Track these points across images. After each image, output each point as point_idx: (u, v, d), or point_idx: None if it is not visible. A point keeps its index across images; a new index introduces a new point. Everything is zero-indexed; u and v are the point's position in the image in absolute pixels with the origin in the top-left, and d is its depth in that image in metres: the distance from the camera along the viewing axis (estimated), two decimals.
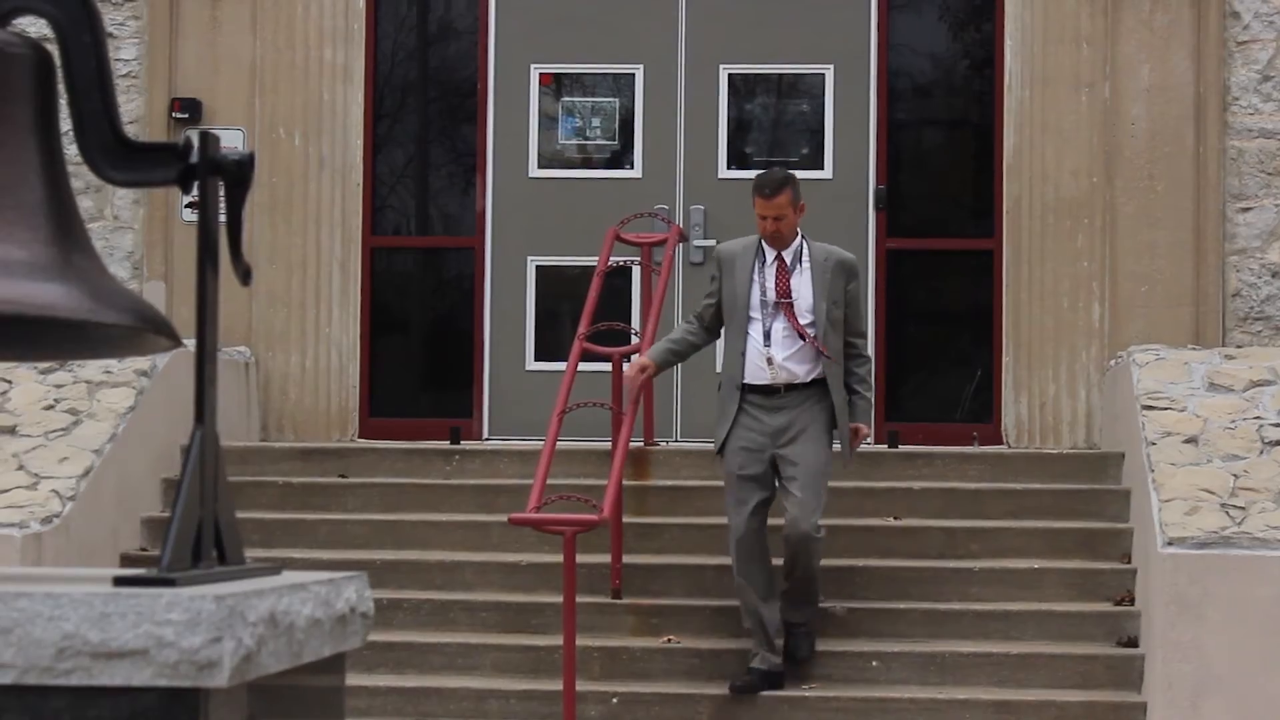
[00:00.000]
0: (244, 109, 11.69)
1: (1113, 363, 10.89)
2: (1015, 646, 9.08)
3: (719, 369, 9.01)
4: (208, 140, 3.34)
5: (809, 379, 8.47)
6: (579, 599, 8.51)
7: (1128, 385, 10.11)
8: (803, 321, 8.44)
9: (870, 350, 9.19)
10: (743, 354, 8.47)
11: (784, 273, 8.52)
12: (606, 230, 10.53)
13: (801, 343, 8.45)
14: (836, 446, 8.69)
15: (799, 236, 8.64)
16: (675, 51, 11.93)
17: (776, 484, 8.55)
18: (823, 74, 11.88)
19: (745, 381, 8.48)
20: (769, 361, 8.42)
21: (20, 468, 9.61)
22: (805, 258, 8.60)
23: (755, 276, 8.52)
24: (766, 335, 8.46)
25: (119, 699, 2.90)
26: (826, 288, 8.50)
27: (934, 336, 12.21)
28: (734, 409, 8.47)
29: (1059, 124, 11.45)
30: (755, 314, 8.49)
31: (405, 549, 9.91)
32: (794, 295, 8.48)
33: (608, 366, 9.75)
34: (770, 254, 8.58)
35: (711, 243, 10.83)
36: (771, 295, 8.48)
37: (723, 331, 8.75)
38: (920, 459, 10.51)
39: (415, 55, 12.38)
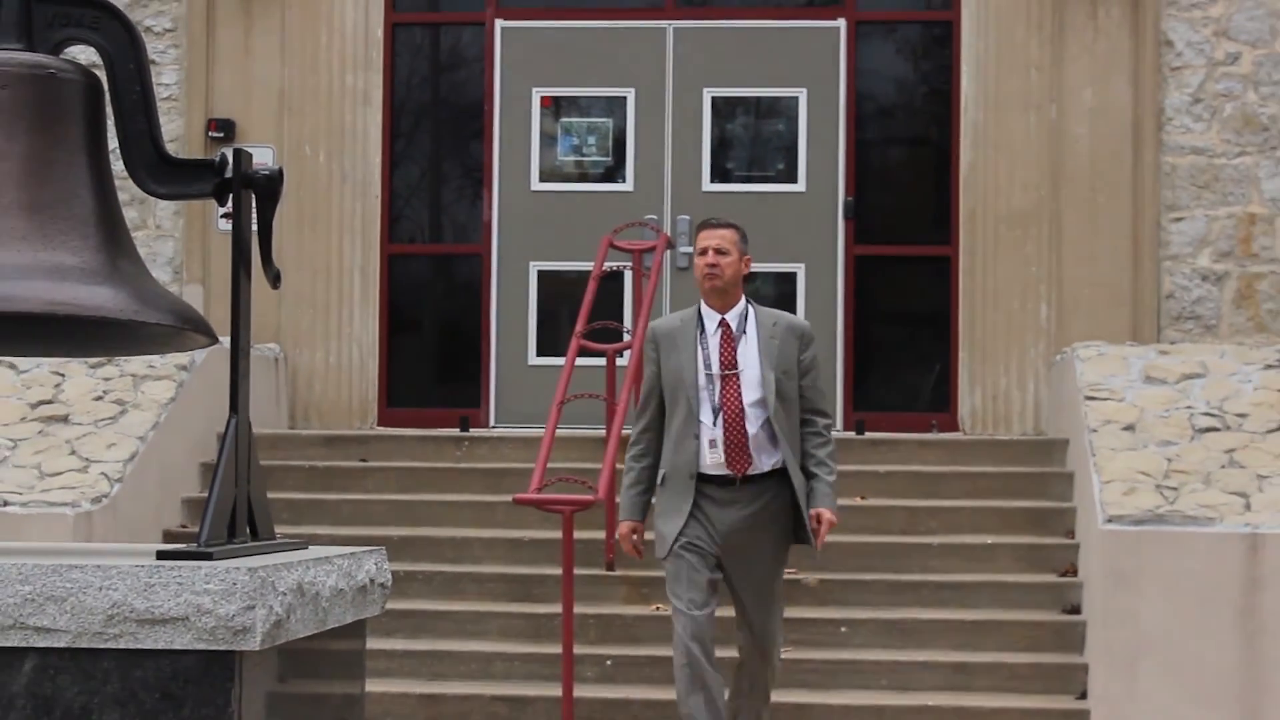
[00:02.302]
0: (273, 129, 11.69)
1: (1058, 358, 10.90)
2: (970, 614, 9.10)
3: (663, 462, 6.83)
4: (241, 157, 3.35)
5: (765, 469, 6.68)
6: (576, 571, 8.51)
7: (1072, 378, 10.12)
8: (749, 398, 6.63)
9: (834, 420, 7.44)
10: (696, 437, 6.62)
11: (729, 340, 6.70)
12: (601, 238, 10.54)
13: (752, 426, 6.64)
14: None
15: (744, 300, 6.84)
16: (663, 76, 11.93)
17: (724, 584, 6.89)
18: (796, 97, 11.88)
19: (700, 471, 6.66)
20: (711, 445, 6.62)
21: (72, 452, 9.62)
22: (751, 324, 6.76)
23: (698, 348, 6.71)
24: (715, 415, 6.63)
25: (162, 661, 2.91)
26: (775, 356, 6.66)
27: (897, 334, 12.22)
28: (689, 504, 6.63)
29: (1010, 142, 11.45)
30: (703, 391, 6.66)
31: (420, 526, 9.92)
32: (740, 365, 6.66)
33: (602, 362, 9.76)
34: (712, 321, 6.75)
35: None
36: (716, 366, 6.65)
37: (667, 419, 6.81)
38: (885, 445, 10.53)
39: (428, 80, 12.38)
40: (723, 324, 6.75)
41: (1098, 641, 8.63)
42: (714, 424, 6.63)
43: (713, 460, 6.63)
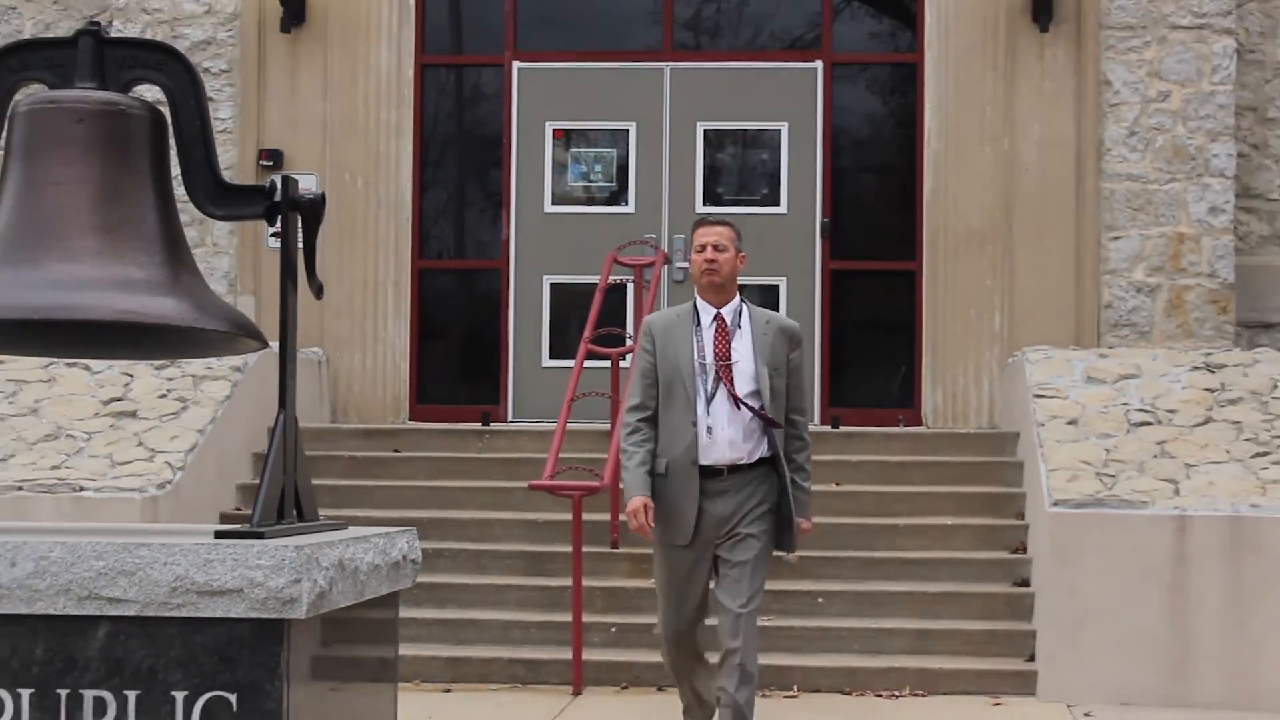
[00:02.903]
0: (317, 158, 11.69)
1: (1010, 361, 10.90)
2: (932, 586, 9.10)
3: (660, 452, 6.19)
4: (288, 183, 3.36)
5: (753, 459, 6.11)
6: (584, 549, 8.52)
7: (1022, 378, 10.12)
8: (742, 389, 6.06)
9: (810, 425, 6.53)
10: (694, 425, 6.05)
11: (723, 333, 6.13)
12: (606, 255, 10.55)
13: (743, 416, 6.09)
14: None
15: (738, 297, 6.28)
16: (661, 112, 11.93)
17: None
18: (779, 130, 11.88)
19: (701, 462, 6.08)
20: (708, 432, 6.06)
21: (140, 444, 9.62)
22: (745, 320, 6.21)
23: (694, 340, 6.13)
24: (708, 404, 6.08)
25: (220, 628, 2.92)
26: (767, 352, 6.12)
27: (868, 339, 12.20)
28: (696, 494, 6.06)
29: (968, 170, 11.44)
30: (699, 382, 6.09)
31: (446, 509, 9.91)
32: (734, 358, 6.10)
33: (607, 364, 9.75)
34: (707, 314, 6.18)
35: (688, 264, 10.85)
36: (710, 358, 6.09)
37: (660, 411, 6.21)
38: (857, 437, 10.53)
39: (453, 115, 12.38)
40: (718, 318, 6.17)
41: (1044, 610, 8.63)
42: (709, 413, 6.07)
43: (707, 447, 6.06)
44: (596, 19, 12.12)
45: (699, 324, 6.18)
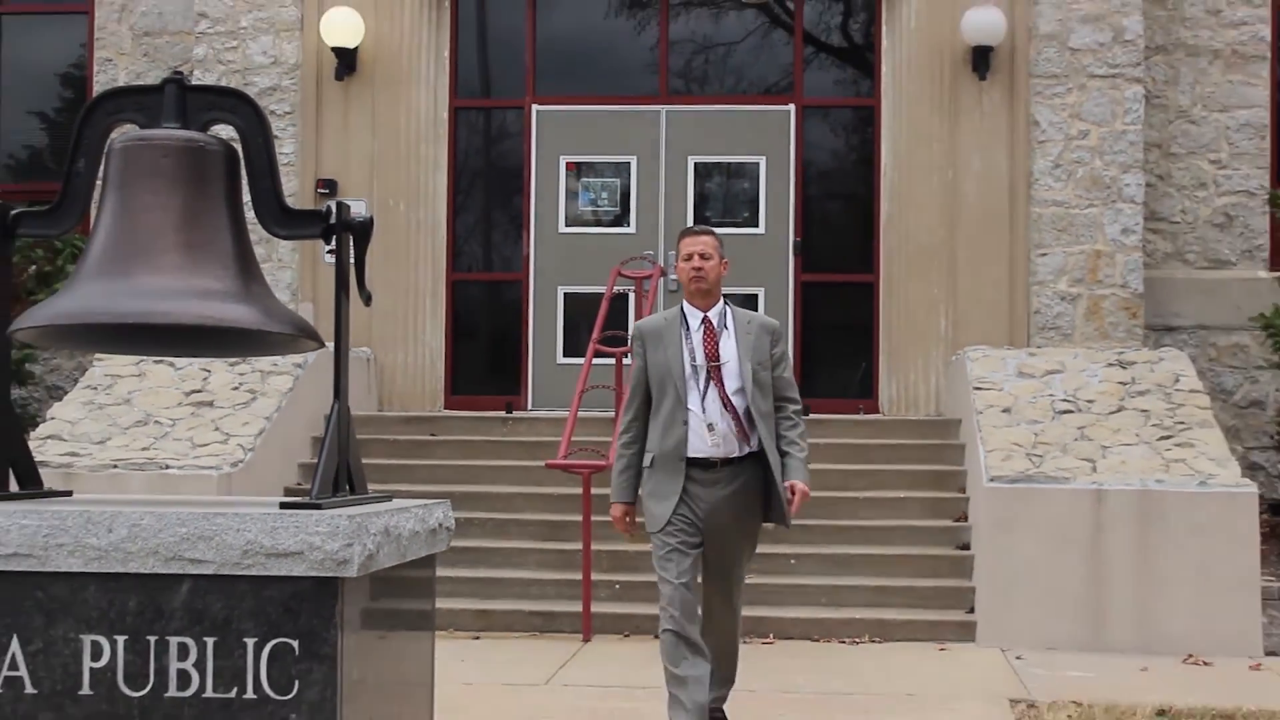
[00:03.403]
0: (366, 186, 11.69)
1: (953, 358, 10.90)
2: (888, 549, 9.12)
3: (650, 447, 5.66)
4: (341, 208, 3.36)
5: (744, 453, 5.58)
6: (593, 518, 8.52)
7: (963, 373, 10.13)
8: (730, 387, 5.57)
9: (802, 405, 5.85)
10: (685, 423, 5.53)
11: (711, 336, 5.64)
12: (611, 269, 10.54)
13: (732, 413, 5.58)
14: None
15: (723, 301, 5.78)
16: (658, 147, 11.93)
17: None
18: (758, 162, 11.89)
19: (689, 455, 5.55)
20: (710, 429, 5.53)
21: (216, 429, 9.63)
22: (730, 321, 5.70)
23: (684, 343, 5.62)
24: (702, 402, 5.56)
25: (284, 584, 2.92)
26: (751, 349, 5.64)
27: (834, 340, 12.19)
28: (679, 486, 5.54)
29: (918, 197, 11.45)
30: (690, 382, 5.57)
31: (476, 484, 9.93)
32: (722, 359, 5.61)
33: (612, 361, 9.74)
34: (695, 318, 5.67)
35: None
36: (701, 359, 5.59)
37: (654, 408, 5.68)
38: (824, 423, 10.52)
39: (481, 150, 12.38)
40: (705, 321, 5.66)
41: (982, 570, 8.65)
42: (701, 410, 5.53)
43: (703, 443, 5.53)
44: (603, 68, 12.13)
45: (688, 328, 5.67)
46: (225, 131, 3.40)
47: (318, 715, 2.87)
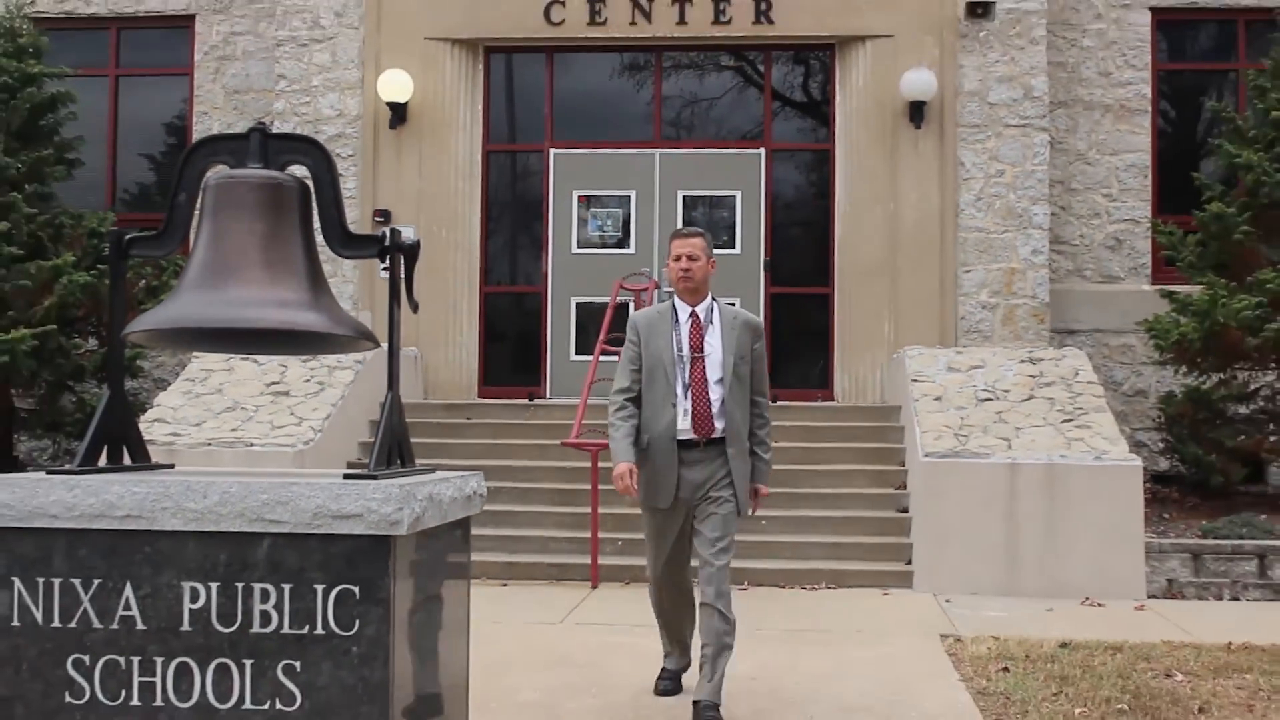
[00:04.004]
0: (414, 215, 11.68)
1: (895, 356, 10.91)
2: (841, 512, 9.12)
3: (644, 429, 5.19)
4: (394, 233, 3.35)
5: (722, 434, 5.15)
6: (600, 486, 8.53)
7: (903, 369, 10.13)
8: (712, 376, 5.16)
9: (769, 405, 5.37)
10: (674, 406, 5.13)
11: (697, 329, 5.22)
12: (614, 282, 10.56)
13: (713, 398, 5.15)
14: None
15: (710, 297, 5.32)
16: (653, 183, 11.93)
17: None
18: (735, 195, 11.88)
19: (680, 437, 5.13)
20: (685, 414, 5.12)
21: (291, 413, 9.63)
22: (716, 316, 5.26)
23: (673, 335, 5.21)
24: (686, 389, 5.15)
25: (346, 541, 2.92)
26: (734, 343, 5.20)
27: (797, 341, 12.19)
28: (674, 463, 5.12)
29: (865, 224, 11.45)
30: (677, 370, 5.15)
31: (503, 459, 9.93)
32: (706, 350, 5.19)
33: (616, 358, 9.71)
34: (684, 312, 5.25)
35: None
36: (686, 350, 5.18)
37: (643, 393, 5.24)
38: (789, 409, 10.51)
39: (509, 185, 12.38)
40: (693, 315, 5.23)
41: (918, 529, 8.65)
42: (685, 396, 5.12)
43: (684, 425, 5.10)
44: (608, 119, 12.12)
45: (677, 321, 5.23)
46: (299, 170, 3.40)
47: (374, 647, 2.87)
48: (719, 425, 5.13)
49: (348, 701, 2.85)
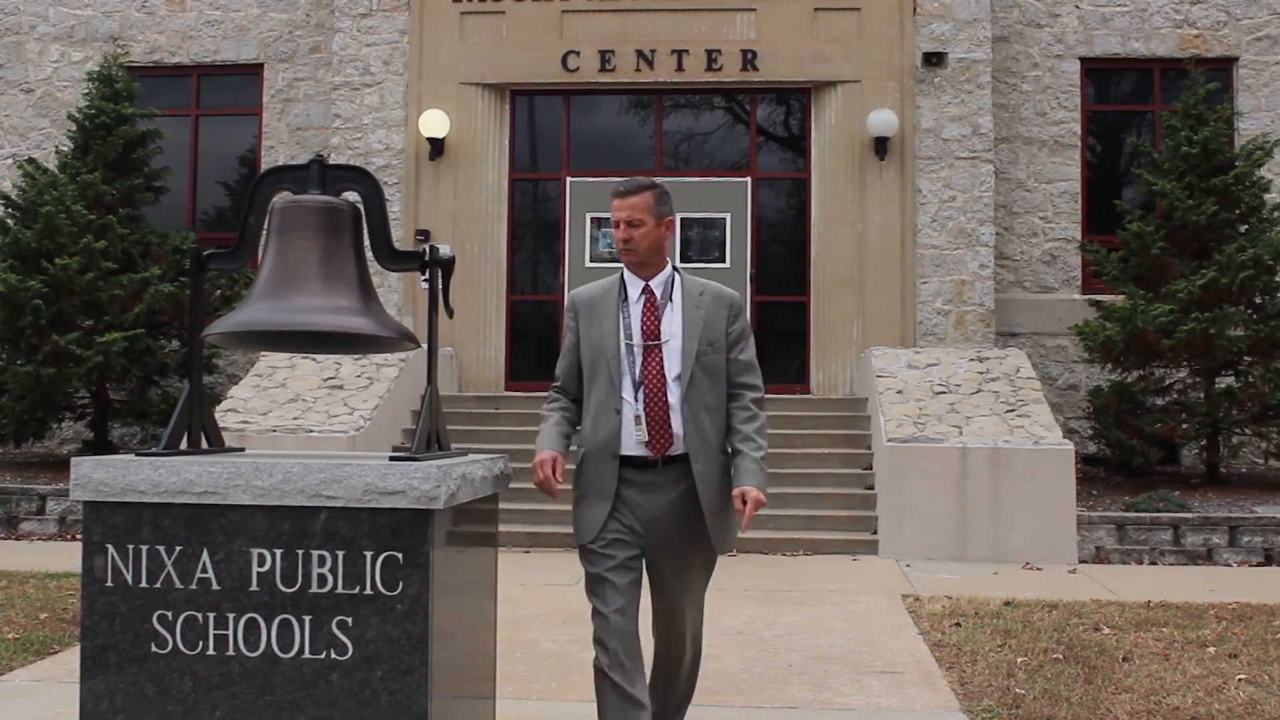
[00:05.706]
0: (450, 234, 11.68)
1: (863, 355, 10.89)
2: (816, 489, 9.10)
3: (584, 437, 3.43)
4: (433, 249, 3.34)
5: (683, 449, 3.26)
6: None
7: (870, 366, 10.12)
8: (670, 371, 3.25)
9: (763, 392, 3.42)
10: (617, 412, 3.27)
11: (652, 308, 3.31)
12: None
13: (675, 401, 3.24)
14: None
15: (669, 267, 3.39)
16: None
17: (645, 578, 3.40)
18: (725, 218, 11.85)
19: (623, 453, 3.28)
20: (637, 421, 3.25)
21: (345, 404, 9.62)
22: (677, 292, 3.35)
23: (620, 317, 3.32)
24: (636, 389, 3.26)
25: (391, 515, 2.91)
26: (700, 325, 3.29)
27: (779, 342, 12.16)
28: (611, 491, 3.30)
29: (837, 242, 11.43)
30: (624, 363, 3.28)
31: (527, 444, 9.90)
32: (664, 335, 3.28)
33: None
34: (635, 287, 3.34)
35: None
36: (637, 336, 3.28)
37: (584, 393, 3.38)
38: (772, 401, 10.45)
39: (531, 208, 12.37)
40: (646, 291, 3.33)
41: (883, 504, 8.64)
42: (635, 399, 3.25)
43: (635, 438, 3.26)
44: (616, 151, 12.10)
45: (626, 299, 3.34)
46: (352, 196, 3.38)
47: (415, 605, 2.86)
48: (679, 435, 3.26)
49: (393, 651, 2.84)
